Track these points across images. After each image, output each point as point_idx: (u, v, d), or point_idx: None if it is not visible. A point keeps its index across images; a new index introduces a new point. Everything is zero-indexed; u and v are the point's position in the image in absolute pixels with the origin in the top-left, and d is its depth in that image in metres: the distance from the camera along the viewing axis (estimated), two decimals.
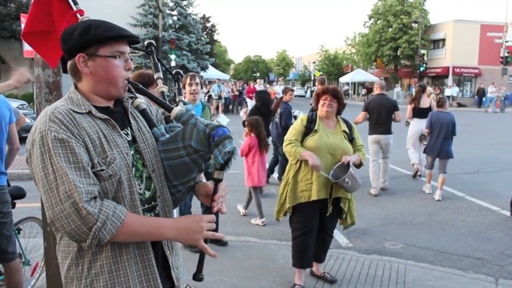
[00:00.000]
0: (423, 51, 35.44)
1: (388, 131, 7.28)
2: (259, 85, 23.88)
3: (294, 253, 3.83)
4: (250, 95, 22.16)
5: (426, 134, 7.31)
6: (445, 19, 48.52)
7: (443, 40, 37.57)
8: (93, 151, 1.41)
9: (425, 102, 8.16)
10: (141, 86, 1.75)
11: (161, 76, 2.02)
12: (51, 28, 2.17)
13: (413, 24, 36.22)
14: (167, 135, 1.64)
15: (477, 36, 35.83)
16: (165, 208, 1.62)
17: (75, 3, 2.07)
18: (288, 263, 4.05)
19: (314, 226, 3.76)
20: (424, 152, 7.45)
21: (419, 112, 8.11)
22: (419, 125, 8.04)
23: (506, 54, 29.90)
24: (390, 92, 31.80)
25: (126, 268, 1.45)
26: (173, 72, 2.29)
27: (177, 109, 1.59)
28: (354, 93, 45.02)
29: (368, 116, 7.38)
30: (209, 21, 38.45)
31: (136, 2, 28.85)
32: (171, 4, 30.33)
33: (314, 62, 58.57)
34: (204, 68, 30.74)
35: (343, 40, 45.95)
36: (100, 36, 1.46)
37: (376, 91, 7.62)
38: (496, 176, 8.83)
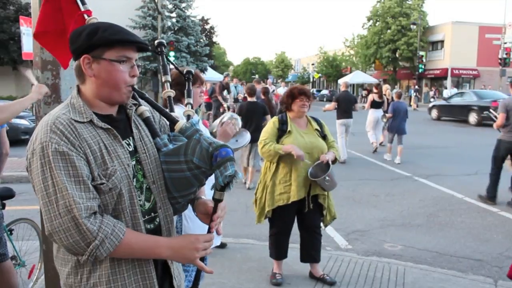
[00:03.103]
0: (421, 53, 35.56)
1: (351, 116, 10.23)
2: (268, 85, 23.19)
3: (271, 247, 4.03)
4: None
5: (386, 117, 10.35)
6: (443, 20, 48.55)
7: (442, 41, 37.67)
8: (93, 163, 1.39)
9: (379, 97, 11.29)
10: (146, 95, 1.72)
11: (169, 79, 1.98)
12: (63, 26, 2.09)
13: (411, 26, 36.32)
14: (170, 146, 1.61)
15: (475, 38, 35.95)
16: (167, 219, 1.60)
17: (83, 3, 2.03)
18: (286, 265, 4.08)
19: (290, 226, 3.93)
20: (388, 130, 10.39)
21: (375, 105, 11.27)
22: (374, 114, 11.29)
23: (505, 56, 29.99)
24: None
25: (124, 279, 1.45)
26: (184, 71, 2.27)
27: (181, 123, 1.58)
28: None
29: (337, 106, 10.26)
30: (208, 23, 38.52)
31: (135, 4, 28.91)
32: (170, 6, 30.41)
33: (313, 64, 58.68)
34: (203, 70, 30.79)
35: (342, 42, 46.15)
36: (106, 39, 1.43)
37: (342, 88, 10.82)
38: None
